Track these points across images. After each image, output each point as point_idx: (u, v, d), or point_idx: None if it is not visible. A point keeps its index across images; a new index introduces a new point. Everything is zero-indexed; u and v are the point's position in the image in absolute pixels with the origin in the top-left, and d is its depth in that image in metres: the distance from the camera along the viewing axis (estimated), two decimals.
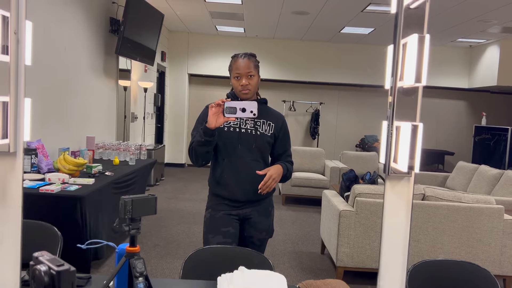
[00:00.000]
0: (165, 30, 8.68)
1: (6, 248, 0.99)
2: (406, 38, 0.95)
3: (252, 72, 2.07)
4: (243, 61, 2.07)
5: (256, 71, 2.11)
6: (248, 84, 2.07)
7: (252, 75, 2.08)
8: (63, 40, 4.26)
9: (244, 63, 2.07)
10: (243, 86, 2.07)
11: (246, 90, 2.07)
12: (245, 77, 2.06)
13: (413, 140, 0.92)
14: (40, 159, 3.57)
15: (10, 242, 1.00)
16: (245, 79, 2.06)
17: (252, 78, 2.08)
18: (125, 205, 1.23)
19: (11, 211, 0.99)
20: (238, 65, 2.07)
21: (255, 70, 2.09)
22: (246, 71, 2.06)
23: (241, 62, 2.07)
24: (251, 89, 2.09)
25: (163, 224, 4.91)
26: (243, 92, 2.08)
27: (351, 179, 4.29)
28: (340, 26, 7.54)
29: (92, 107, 5.08)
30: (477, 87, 8.90)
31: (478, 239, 3.41)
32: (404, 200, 0.99)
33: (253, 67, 2.08)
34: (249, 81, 2.07)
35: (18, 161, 0.99)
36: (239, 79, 2.07)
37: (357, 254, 3.43)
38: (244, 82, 2.06)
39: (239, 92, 2.10)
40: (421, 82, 0.91)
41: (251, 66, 2.08)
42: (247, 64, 2.07)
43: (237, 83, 2.08)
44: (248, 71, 2.06)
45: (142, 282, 1.23)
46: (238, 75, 2.07)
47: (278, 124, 2.20)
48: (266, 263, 1.80)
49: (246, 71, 2.06)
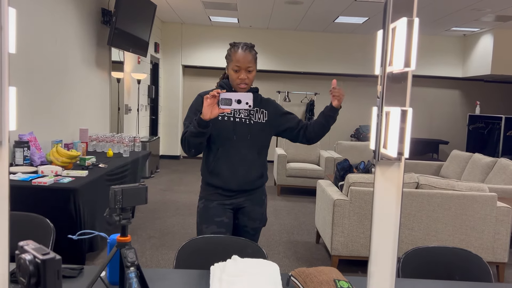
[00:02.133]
0: (158, 21, 8.60)
1: None
2: (395, 22, 0.94)
3: (252, 67, 2.04)
4: (243, 54, 2.02)
5: (255, 65, 2.08)
6: (247, 78, 2.04)
7: (251, 70, 2.05)
8: (54, 31, 4.21)
9: (245, 56, 2.02)
10: (242, 80, 2.03)
11: (244, 84, 2.05)
12: (244, 71, 2.03)
13: (403, 125, 0.91)
14: (32, 151, 3.54)
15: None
16: (244, 73, 2.03)
17: (251, 72, 2.05)
18: (115, 194, 1.23)
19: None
20: (239, 58, 2.02)
21: (254, 65, 2.06)
22: (247, 65, 2.02)
23: (242, 54, 2.02)
24: (249, 84, 2.07)
25: (158, 216, 4.91)
26: (240, 86, 2.05)
27: (345, 169, 4.30)
28: (334, 15, 7.50)
29: (85, 99, 5.04)
30: (471, 76, 8.92)
31: (472, 226, 3.43)
32: (394, 185, 0.99)
33: (253, 61, 2.05)
34: (248, 75, 2.04)
35: (4, 150, 0.98)
36: (238, 72, 2.03)
37: (352, 243, 3.45)
38: (243, 76, 2.03)
39: (236, 85, 2.07)
40: (410, 66, 0.90)
41: (251, 60, 2.04)
42: (247, 57, 2.03)
43: (235, 75, 2.04)
44: (248, 66, 2.03)
45: (134, 271, 1.22)
46: (237, 68, 2.03)
47: (270, 109, 2.18)
48: (259, 252, 1.80)
49: (246, 65, 2.02)
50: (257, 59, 2.11)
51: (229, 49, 2.09)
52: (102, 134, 4.82)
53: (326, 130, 2.15)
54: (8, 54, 0.98)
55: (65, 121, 4.54)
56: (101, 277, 1.40)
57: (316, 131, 2.15)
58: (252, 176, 2.12)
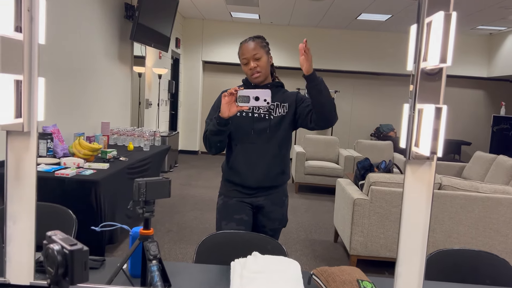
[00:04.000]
0: (180, 17, 8.64)
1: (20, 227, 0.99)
2: (431, 16, 0.91)
3: (259, 54, 2.01)
4: (247, 45, 2.03)
5: (264, 51, 2.03)
6: (257, 66, 2.01)
7: (259, 57, 2.01)
8: (78, 25, 4.26)
9: (249, 47, 2.02)
10: (252, 70, 2.02)
11: (255, 73, 2.02)
12: (252, 60, 2.01)
13: (437, 123, 0.88)
14: (55, 143, 3.60)
15: (24, 222, 1.00)
16: (253, 62, 2.01)
17: (260, 59, 2.02)
18: (139, 187, 1.22)
19: (26, 190, 0.99)
20: (243, 50, 2.03)
21: (262, 51, 2.02)
22: (252, 53, 2.01)
23: (245, 46, 2.03)
24: (261, 71, 2.03)
25: (176, 210, 4.94)
26: (253, 76, 2.03)
27: (366, 168, 4.25)
28: (356, 12, 7.40)
29: (107, 93, 5.09)
30: (497, 76, 8.69)
31: (495, 229, 3.35)
32: (425, 185, 0.96)
33: (259, 48, 2.02)
34: (257, 63, 2.01)
35: (32, 140, 0.98)
36: (247, 64, 2.03)
37: (371, 243, 3.40)
38: (252, 65, 2.01)
39: (250, 77, 2.06)
40: (446, 62, 0.87)
41: (256, 48, 2.02)
42: (252, 46, 2.02)
43: (246, 68, 2.04)
44: (254, 53, 2.01)
45: (156, 265, 1.22)
46: (245, 61, 2.03)
47: (291, 100, 2.09)
48: (280, 249, 1.78)
49: (251, 53, 2.01)
50: (277, 56, 2.09)
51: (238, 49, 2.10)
52: (123, 128, 4.87)
53: (322, 106, 1.93)
54: (38, 45, 0.99)
55: (88, 114, 4.60)
56: (123, 269, 1.41)
57: (316, 110, 1.96)
58: (271, 173, 2.09)
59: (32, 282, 1.03)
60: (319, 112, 1.96)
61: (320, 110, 1.95)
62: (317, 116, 1.97)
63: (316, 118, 1.98)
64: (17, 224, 0.98)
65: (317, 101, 1.94)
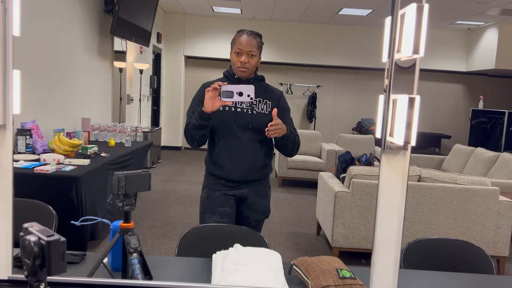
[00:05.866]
0: (161, 11, 8.55)
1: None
2: (404, 8, 0.93)
3: (254, 52, 2.02)
4: (247, 38, 2.01)
5: (258, 52, 2.04)
6: (248, 62, 2.01)
7: (253, 55, 2.02)
8: (56, 18, 4.19)
9: (248, 40, 2.00)
10: (242, 63, 2.01)
11: (244, 68, 2.02)
12: (246, 54, 2.00)
13: (410, 113, 0.91)
14: (35, 139, 3.54)
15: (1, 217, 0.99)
16: (245, 57, 2.00)
17: (253, 58, 2.02)
18: (119, 180, 1.22)
19: (2, 184, 0.98)
20: (241, 41, 2.01)
21: (257, 51, 2.03)
22: (249, 49, 2.00)
23: (245, 38, 2.01)
24: (249, 68, 2.03)
25: (159, 206, 4.92)
26: (240, 69, 2.03)
27: (347, 161, 4.29)
28: (338, 7, 7.45)
29: (88, 88, 5.02)
30: (475, 70, 8.87)
31: (473, 220, 3.43)
32: (400, 174, 0.98)
33: (256, 47, 2.02)
34: (249, 59, 2.01)
35: (8, 133, 0.97)
36: (239, 55, 2.01)
37: (352, 235, 3.45)
38: (243, 59, 2.00)
39: (236, 68, 2.04)
40: (419, 53, 0.89)
41: (254, 45, 2.01)
42: (250, 42, 2.01)
43: (237, 59, 2.02)
44: (250, 50, 2.00)
45: (136, 257, 1.23)
46: (239, 51, 2.01)
47: (275, 101, 2.13)
48: (261, 241, 1.80)
49: (248, 49, 2.00)
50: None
51: (234, 35, 2.08)
52: (104, 124, 4.82)
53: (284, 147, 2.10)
54: (12, 36, 0.97)
55: (68, 110, 4.53)
56: (104, 263, 1.40)
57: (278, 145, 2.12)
58: (255, 167, 2.11)
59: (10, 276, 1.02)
60: (281, 150, 2.14)
61: (283, 151, 2.14)
62: (279, 150, 2.15)
63: (278, 149, 2.16)
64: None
65: (283, 147, 2.11)
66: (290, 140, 2.05)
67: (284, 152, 2.14)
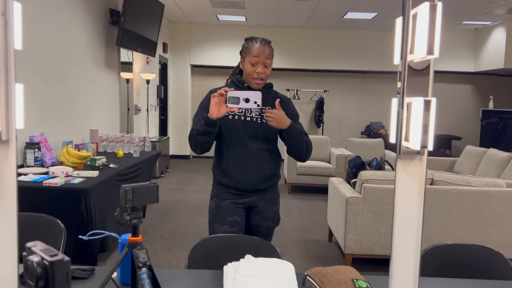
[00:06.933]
0: (166, 21, 8.60)
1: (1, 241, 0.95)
2: (416, 8, 0.89)
3: (269, 62, 1.98)
4: (261, 48, 1.96)
5: (272, 62, 2.01)
6: (263, 73, 1.97)
7: (268, 65, 1.98)
8: (62, 31, 4.21)
9: (263, 50, 1.96)
10: (258, 74, 1.96)
11: (259, 80, 1.98)
12: (262, 65, 1.96)
13: (426, 117, 0.87)
14: (43, 152, 3.54)
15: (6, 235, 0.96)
16: (261, 68, 1.96)
17: (268, 68, 1.99)
18: (126, 193, 1.19)
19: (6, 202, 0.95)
20: (258, 51, 1.95)
21: (271, 61, 2.00)
22: (264, 60, 1.96)
23: (259, 48, 1.96)
24: (264, 79, 2.00)
25: (168, 216, 4.90)
26: (256, 81, 1.98)
27: (358, 166, 4.24)
28: (343, 11, 7.43)
29: (95, 99, 5.04)
30: (484, 71, 8.77)
31: (489, 222, 3.36)
32: (416, 180, 0.94)
33: (271, 56, 1.99)
34: (264, 70, 1.97)
35: (11, 149, 0.95)
36: (256, 65, 1.96)
37: (365, 241, 3.39)
38: (260, 70, 1.96)
39: (251, 79, 1.99)
40: (434, 54, 0.85)
41: (270, 55, 1.98)
42: (267, 52, 1.97)
43: (252, 69, 1.97)
44: (267, 60, 1.97)
45: (146, 272, 1.19)
46: (255, 61, 1.96)
47: (284, 109, 2.07)
48: (273, 251, 1.76)
49: (264, 60, 1.96)
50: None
51: (245, 43, 2.03)
52: (112, 135, 4.82)
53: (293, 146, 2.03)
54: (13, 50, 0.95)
55: (75, 122, 4.54)
56: (113, 278, 1.37)
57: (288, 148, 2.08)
58: (264, 176, 2.07)
59: None
60: (291, 149, 2.07)
61: (291, 148, 2.07)
62: (290, 150, 2.09)
63: (289, 150, 2.10)
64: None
65: (289, 142, 2.03)
66: (295, 136, 1.98)
67: (295, 154, 2.08)
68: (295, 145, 2.03)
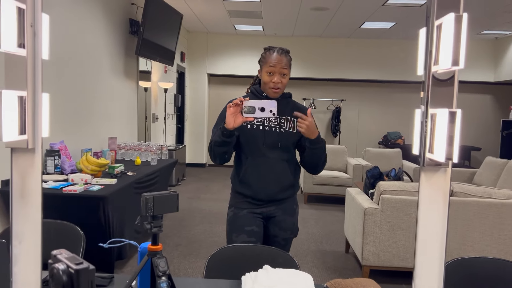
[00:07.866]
0: (184, 31, 8.70)
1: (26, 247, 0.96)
2: (441, 18, 0.88)
3: (286, 71, 1.99)
4: (279, 57, 1.97)
5: (289, 71, 2.02)
6: (280, 82, 1.98)
7: (285, 74, 1.99)
8: (84, 41, 4.29)
9: (280, 60, 1.97)
10: (275, 84, 1.98)
11: (277, 89, 1.99)
12: (278, 74, 1.97)
13: (451, 128, 0.85)
14: (63, 160, 3.60)
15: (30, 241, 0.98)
16: (278, 77, 1.97)
17: (285, 77, 1.99)
18: (147, 202, 1.20)
19: (31, 208, 0.97)
20: (274, 61, 1.97)
21: (288, 70, 2.01)
22: (281, 69, 1.97)
23: (277, 58, 1.97)
24: (282, 88, 2.01)
25: (185, 224, 4.91)
26: (273, 90, 1.99)
27: (376, 176, 4.20)
28: (360, 21, 7.41)
29: (114, 108, 5.11)
30: (504, 80, 8.63)
31: (511, 236, 3.28)
32: (440, 192, 0.92)
33: (288, 66, 2.00)
34: (281, 79, 1.98)
35: (37, 157, 0.97)
36: (272, 75, 1.98)
37: (383, 252, 3.34)
38: (277, 80, 1.97)
39: (268, 89, 2.01)
40: (459, 65, 0.84)
41: (287, 64, 1.99)
42: (284, 61, 1.98)
43: (269, 79, 1.98)
44: (283, 70, 1.98)
45: (165, 281, 1.19)
46: (272, 71, 1.97)
47: None
48: (291, 262, 1.75)
49: (281, 68, 1.97)
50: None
51: (263, 53, 2.04)
52: (130, 143, 4.87)
53: (313, 157, 2.01)
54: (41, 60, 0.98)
55: (95, 129, 4.61)
56: (132, 286, 1.38)
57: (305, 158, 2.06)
58: (282, 186, 2.07)
59: None
60: (307, 160, 2.06)
61: (309, 160, 2.05)
62: (306, 162, 2.08)
63: (305, 162, 2.09)
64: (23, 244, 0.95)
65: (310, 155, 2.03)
66: (319, 147, 1.98)
67: (312, 165, 2.07)
68: (316, 155, 2.02)
